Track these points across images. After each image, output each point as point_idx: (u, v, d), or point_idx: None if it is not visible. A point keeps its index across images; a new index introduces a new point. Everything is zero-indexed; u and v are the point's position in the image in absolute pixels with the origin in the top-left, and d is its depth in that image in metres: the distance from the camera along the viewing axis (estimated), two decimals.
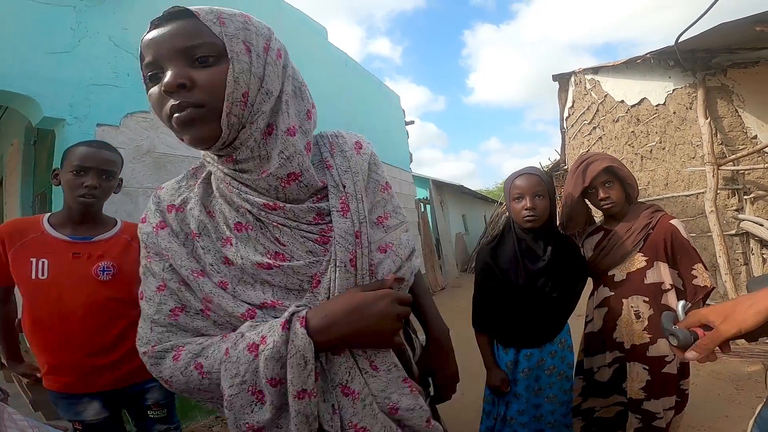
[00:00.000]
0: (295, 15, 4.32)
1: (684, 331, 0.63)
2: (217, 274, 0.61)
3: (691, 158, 4.11)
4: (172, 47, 0.57)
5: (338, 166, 0.68)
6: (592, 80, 5.83)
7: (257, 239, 0.62)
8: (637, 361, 1.37)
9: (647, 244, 1.38)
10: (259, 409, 0.55)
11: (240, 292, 0.60)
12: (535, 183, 1.34)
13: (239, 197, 0.62)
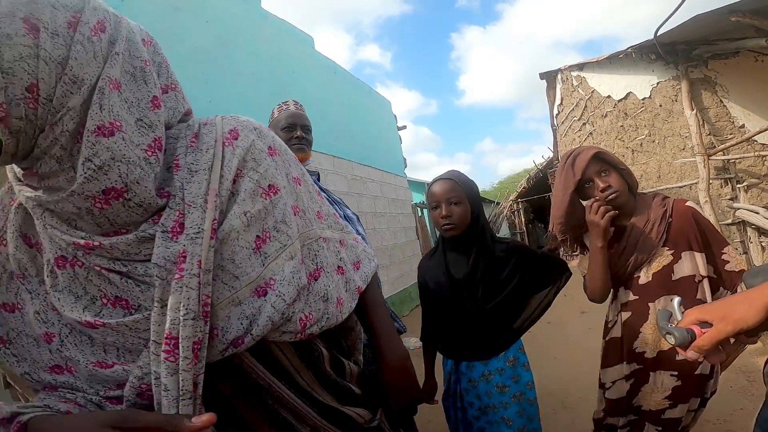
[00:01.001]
0: (281, 26, 4.33)
1: (681, 330, 0.62)
2: (43, 324, 0.48)
3: (681, 150, 4.15)
4: None
5: (187, 165, 0.50)
6: (578, 77, 5.89)
7: (84, 281, 0.48)
8: (663, 369, 1.24)
9: (671, 236, 1.23)
10: None
11: (68, 350, 0.47)
12: (449, 189, 1.26)
13: (44, 232, 0.47)
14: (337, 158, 4.73)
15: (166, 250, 0.45)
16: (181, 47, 2.98)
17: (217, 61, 3.24)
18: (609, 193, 1.24)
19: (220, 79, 3.18)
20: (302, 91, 4.30)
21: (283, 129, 1.48)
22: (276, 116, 1.53)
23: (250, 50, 3.64)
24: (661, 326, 0.66)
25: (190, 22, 3.10)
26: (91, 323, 0.46)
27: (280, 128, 1.49)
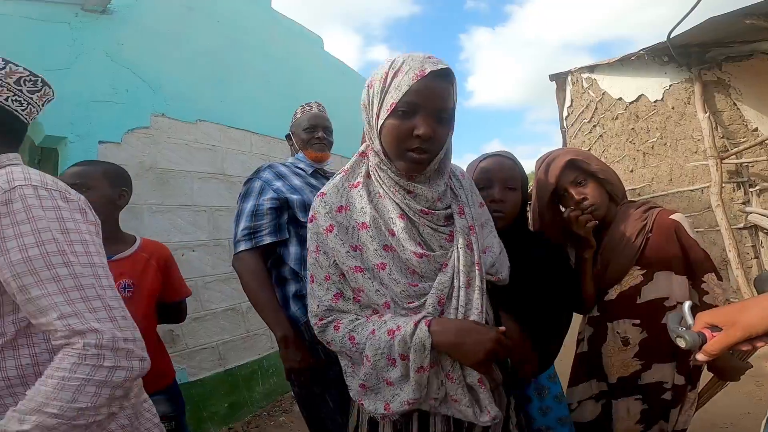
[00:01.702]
0: (290, 26, 4.35)
1: (692, 333, 0.62)
2: (380, 257, 0.80)
3: (694, 153, 4.10)
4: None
5: (454, 186, 0.89)
6: (589, 78, 5.84)
7: (411, 234, 0.81)
8: (626, 396, 1.15)
9: (646, 253, 1.11)
10: (392, 369, 0.78)
11: (394, 273, 0.79)
12: (508, 169, 1.06)
13: (402, 202, 0.81)
14: (346, 159, 4.74)
15: (460, 221, 0.84)
16: (193, 47, 3.01)
17: (228, 60, 3.27)
18: (584, 207, 1.14)
19: (230, 79, 3.21)
20: (311, 91, 4.32)
21: (305, 129, 1.51)
22: (299, 117, 1.56)
23: (260, 50, 3.66)
24: (672, 329, 0.66)
25: (202, 22, 3.14)
26: (419, 253, 0.79)
27: (302, 129, 1.52)
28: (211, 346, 2.66)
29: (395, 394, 0.78)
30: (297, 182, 1.38)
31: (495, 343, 0.75)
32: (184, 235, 2.63)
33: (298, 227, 1.31)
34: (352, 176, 0.89)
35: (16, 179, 0.68)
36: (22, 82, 0.81)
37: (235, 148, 3.13)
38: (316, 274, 0.86)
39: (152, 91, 2.63)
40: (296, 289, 1.28)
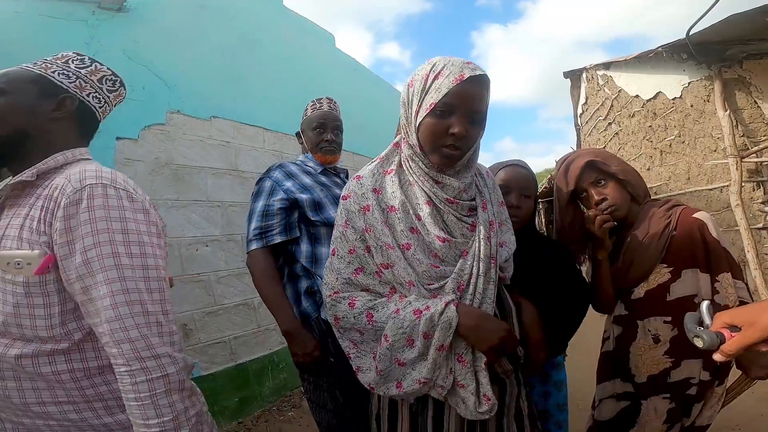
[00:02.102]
0: (302, 23, 4.37)
1: (710, 333, 0.62)
2: (406, 238, 0.86)
3: (713, 151, 4.00)
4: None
5: (479, 184, 0.97)
6: (605, 76, 5.73)
7: (436, 219, 0.88)
8: (654, 394, 1.15)
9: (671, 251, 1.11)
10: (408, 350, 0.83)
11: (418, 254, 0.85)
12: (525, 179, 1.17)
13: (430, 190, 0.88)
14: (357, 155, 4.75)
15: (483, 214, 0.91)
16: (207, 45, 3.04)
17: (241, 58, 3.30)
18: (604, 207, 1.15)
19: (243, 76, 3.24)
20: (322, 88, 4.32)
21: (314, 130, 1.49)
22: (309, 114, 1.54)
23: (272, 48, 3.69)
24: (690, 329, 0.66)
25: (215, 20, 3.17)
26: (442, 238, 0.86)
27: (311, 128, 1.50)
28: (223, 341, 2.70)
29: (406, 373, 0.83)
30: (307, 180, 1.39)
31: (507, 333, 0.83)
32: (198, 230, 2.67)
33: (308, 225, 1.34)
34: (386, 163, 0.96)
35: (87, 177, 0.70)
36: (104, 81, 0.85)
37: (248, 145, 3.16)
38: (339, 248, 0.91)
39: (168, 88, 2.67)
40: (308, 285, 1.31)
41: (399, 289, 0.87)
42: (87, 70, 0.83)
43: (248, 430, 2.58)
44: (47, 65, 0.80)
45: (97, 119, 0.87)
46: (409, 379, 0.83)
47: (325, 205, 1.34)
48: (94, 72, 0.84)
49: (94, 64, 0.85)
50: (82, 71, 0.83)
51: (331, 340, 1.21)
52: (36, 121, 0.77)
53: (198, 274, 2.63)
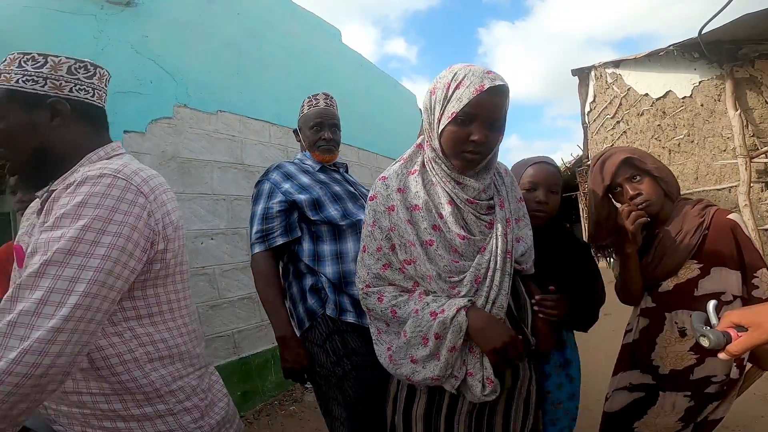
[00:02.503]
0: (309, 18, 4.36)
1: (717, 332, 0.62)
2: (429, 235, 0.93)
3: (722, 151, 3.95)
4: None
5: (497, 182, 1.02)
6: (614, 74, 5.68)
7: (457, 218, 0.94)
8: (675, 390, 1.17)
9: (704, 248, 1.15)
10: (422, 349, 0.90)
11: (440, 250, 0.92)
12: (552, 175, 1.23)
13: (452, 191, 0.94)
14: (362, 150, 4.75)
15: (500, 213, 0.97)
16: (214, 39, 3.05)
17: (248, 53, 3.30)
18: (638, 202, 1.18)
19: (250, 71, 3.24)
20: (329, 84, 4.32)
21: (311, 128, 1.48)
22: (305, 112, 1.52)
23: (279, 43, 3.68)
24: (696, 328, 0.66)
25: (222, 14, 3.17)
26: (462, 236, 0.92)
27: (308, 127, 1.49)
28: (227, 335, 2.72)
29: (416, 371, 0.91)
30: (305, 180, 1.39)
31: (511, 338, 0.89)
32: (203, 223, 2.69)
33: (309, 225, 1.35)
34: (410, 164, 1.02)
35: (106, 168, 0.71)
36: (74, 70, 0.79)
37: (254, 139, 3.17)
38: (368, 245, 1.00)
39: (175, 82, 2.68)
40: (312, 283, 1.32)
41: (421, 282, 0.95)
42: (48, 68, 0.76)
43: (249, 423, 2.60)
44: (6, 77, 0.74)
45: (99, 107, 0.84)
46: (420, 376, 0.90)
47: (324, 203, 1.34)
48: (56, 67, 0.77)
49: (49, 59, 0.77)
50: (43, 70, 0.76)
51: (338, 337, 1.25)
52: (44, 135, 0.76)
53: (203, 267, 2.65)
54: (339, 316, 1.27)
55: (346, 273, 1.30)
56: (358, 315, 1.26)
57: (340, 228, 1.33)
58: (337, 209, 1.35)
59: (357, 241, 1.29)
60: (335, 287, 1.30)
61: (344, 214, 1.35)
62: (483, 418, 0.98)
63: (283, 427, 2.55)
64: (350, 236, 1.33)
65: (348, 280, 1.29)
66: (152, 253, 0.75)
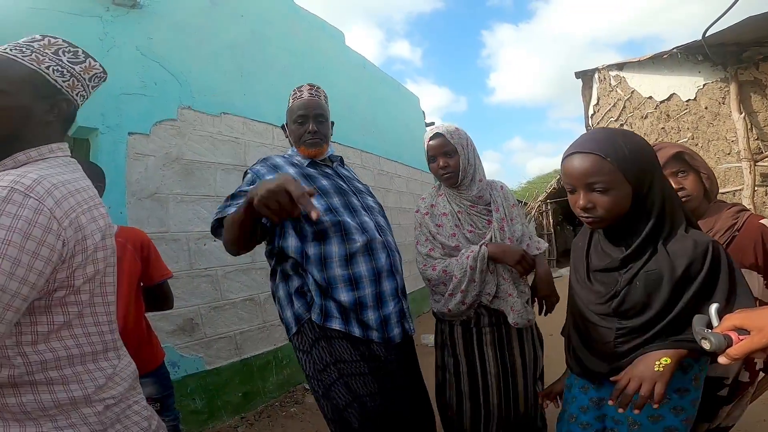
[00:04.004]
0: (312, 20, 4.38)
1: (718, 335, 0.62)
2: (452, 229, 1.47)
3: (726, 154, 3.93)
4: None
5: (492, 194, 1.52)
6: (617, 76, 5.66)
7: (466, 219, 1.48)
8: None
9: (731, 249, 1.15)
10: (465, 280, 1.38)
11: (459, 239, 1.45)
12: (588, 169, 0.86)
13: (460, 203, 1.49)
14: (365, 152, 4.76)
15: (496, 213, 1.48)
16: (218, 41, 3.06)
17: (251, 54, 3.32)
18: (682, 195, 1.18)
19: (253, 73, 3.26)
20: (332, 86, 4.34)
21: (296, 121, 1.37)
22: (290, 105, 1.42)
23: (282, 44, 3.70)
24: (697, 331, 0.66)
25: (226, 16, 3.19)
26: (470, 230, 1.48)
27: (293, 120, 1.38)
28: (229, 336, 2.72)
29: (465, 297, 1.39)
30: (291, 172, 1.28)
31: (524, 252, 1.39)
32: (206, 225, 2.69)
33: (294, 220, 1.22)
34: (439, 189, 1.59)
35: (3, 180, 0.63)
36: (93, 79, 0.79)
37: (258, 141, 3.18)
38: (420, 239, 1.53)
39: (179, 84, 2.69)
40: (298, 285, 1.24)
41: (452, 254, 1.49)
42: (81, 67, 0.76)
43: (250, 425, 2.60)
44: (39, 58, 0.73)
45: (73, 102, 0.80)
46: (470, 298, 1.38)
47: None
48: (87, 69, 0.77)
49: (88, 60, 0.78)
50: (76, 68, 0.76)
51: (324, 344, 1.18)
52: (29, 125, 0.72)
53: (205, 268, 2.65)
54: (324, 323, 1.19)
55: (331, 279, 1.20)
56: (345, 322, 1.20)
57: (322, 226, 1.20)
58: (321, 204, 1.23)
59: (341, 243, 1.22)
60: (321, 291, 1.21)
61: (328, 208, 1.23)
62: (504, 347, 1.45)
63: (283, 428, 2.54)
64: (334, 237, 1.22)
65: (333, 285, 1.20)
66: (53, 281, 0.66)
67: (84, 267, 0.70)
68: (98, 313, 0.76)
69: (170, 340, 2.38)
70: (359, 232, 1.24)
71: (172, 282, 1.68)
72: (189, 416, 2.37)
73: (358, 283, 1.21)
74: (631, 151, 0.85)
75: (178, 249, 2.53)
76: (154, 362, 1.53)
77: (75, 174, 0.74)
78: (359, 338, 1.20)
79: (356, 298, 1.20)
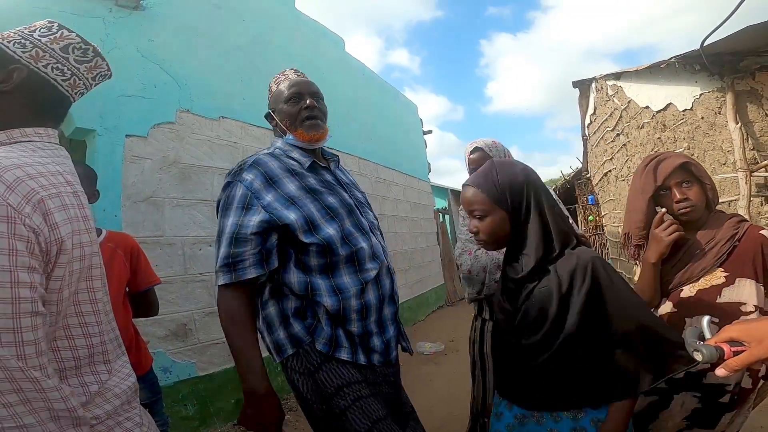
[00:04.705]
0: (313, 26, 4.40)
1: (710, 347, 0.63)
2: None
3: (722, 164, 3.96)
4: None
5: None
6: (614, 86, 5.71)
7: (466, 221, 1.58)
8: (687, 390, 1.17)
9: (731, 258, 1.17)
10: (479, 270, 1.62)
11: None
12: (470, 199, 1.01)
13: None
14: (363, 160, 4.76)
15: None
16: (219, 45, 3.07)
17: (252, 59, 3.33)
18: (684, 206, 1.20)
19: (253, 77, 3.26)
20: (332, 92, 4.34)
21: (287, 102, 1.17)
22: (275, 90, 1.22)
23: (283, 50, 3.72)
24: (689, 343, 0.66)
25: (228, 20, 3.20)
26: None
27: (283, 101, 1.18)
28: (222, 341, 2.67)
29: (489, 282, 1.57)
30: (292, 187, 1.08)
31: None
32: (202, 229, 2.68)
33: (298, 251, 1.06)
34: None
35: None
36: (70, 50, 0.75)
37: (256, 146, 3.17)
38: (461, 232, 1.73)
39: (179, 87, 2.69)
40: (296, 306, 1.09)
41: None
42: (49, 38, 0.73)
43: (243, 430, 2.56)
44: (9, 35, 0.72)
45: (63, 94, 0.75)
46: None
47: (318, 222, 1.05)
48: (56, 39, 0.73)
49: (61, 31, 0.74)
50: (42, 39, 0.72)
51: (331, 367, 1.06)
52: None
53: (200, 273, 2.63)
54: (333, 353, 1.06)
55: (346, 309, 1.07)
56: (353, 351, 1.09)
57: (333, 256, 1.06)
58: (335, 229, 1.07)
59: (354, 274, 1.08)
60: (333, 321, 1.07)
61: (343, 236, 1.08)
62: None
63: None
64: (344, 269, 1.08)
65: (348, 317, 1.07)
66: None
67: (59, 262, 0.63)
68: (84, 313, 0.69)
69: (162, 346, 2.35)
70: (371, 259, 1.13)
71: (166, 287, 1.67)
72: (180, 422, 2.33)
73: (368, 312, 1.12)
74: (502, 182, 0.99)
75: (173, 253, 2.51)
76: (142, 368, 1.52)
77: (45, 159, 0.68)
78: (363, 365, 1.11)
79: (364, 326, 1.12)
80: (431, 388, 3.02)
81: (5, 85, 0.69)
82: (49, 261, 0.61)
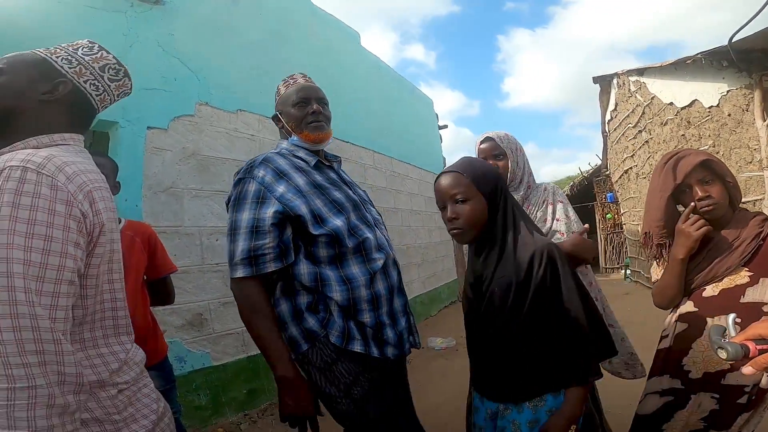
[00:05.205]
0: (329, 20, 4.40)
1: (735, 345, 0.62)
2: None
3: (748, 163, 3.82)
4: None
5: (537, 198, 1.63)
6: (637, 82, 5.56)
7: None
8: (705, 391, 1.16)
9: (757, 258, 1.15)
10: None
11: None
12: (453, 184, 1.02)
13: None
14: (378, 153, 4.76)
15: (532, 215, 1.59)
16: (237, 40, 3.10)
17: (269, 52, 3.35)
18: (706, 204, 1.17)
19: (271, 71, 3.28)
20: (347, 86, 4.35)
21: (295, 105, 1.24)
22: (283, 93, 1.30)
23: (300, 43, 3.73)
24: (714, 340, 0.66)
25: (246, 14, 3.23)
26: None
27: (290, 105, 1.25)
28: (237, 332, 2.74)
29: None
30: (300, 182, 1.13)
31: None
32: (218, 220, 2.73)
33: (307, 243, 1.10)
34: None
35: (15, 159, 0.65)
36: (106, 69, 0.85)
37: (273, 138, 3.21)
38: None
39: (198, 80, 2.74)
40: (308, 301, 1.11)
41: None
42: (91, 57, 0.84)
43: (254, 422, 2.61)
44: (57, 51, 0.82)
45: (94, 107, 0.86)
46: None
47: (326, 215, 1.10)
48: (97, 59, 0.84)
49: (101, 52, 0.85)
50: (86, 58, 0.83)
51: (346, 359, 1.09)
52: (24, 102, 0.77)
53: (217, 264, 2.68)
54: (346, 346, 1.09)
55: (357, 299, 1.10)
56: (365, 343, 1.11)
57: (341, 247, 1.10)
58: (342, 221, 1.11)
59: (362, 264, 1.12)
60: (344, 312, 1.10)
61: (349, 228, 1.12)
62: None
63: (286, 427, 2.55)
64: (353, 259, 1.12)
65: (359, 307, 1.10)
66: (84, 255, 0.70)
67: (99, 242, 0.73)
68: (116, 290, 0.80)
69: (178, 335, 2.41)
70: (377, 250, 1.17)
71: (182, 276, 1.71)
72: (193, 412, 2.39)
73: (378, 302, 1.14)
74: (482, 172, 1.04)
75: (191, 243, 2.57)
76: (158, 355, 1.54)
77: (83, 160, 0.78)
78: (377, 357, 1.13)
79: (377, 317, 1.14)
80: (442, 383, 3.03)
81: (51, 95, 0.79)
82: (92, 241, 0.71)
